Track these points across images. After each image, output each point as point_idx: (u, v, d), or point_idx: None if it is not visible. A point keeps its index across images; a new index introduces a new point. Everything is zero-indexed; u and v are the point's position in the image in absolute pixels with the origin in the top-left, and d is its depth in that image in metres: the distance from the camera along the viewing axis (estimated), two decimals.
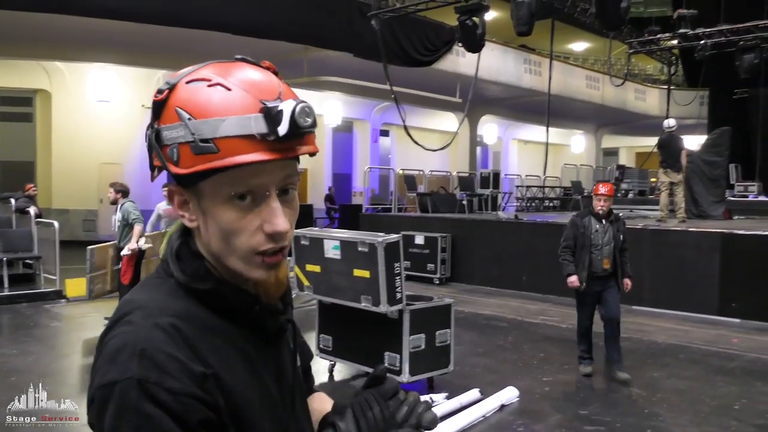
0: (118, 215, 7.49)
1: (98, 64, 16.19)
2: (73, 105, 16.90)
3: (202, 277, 0.86)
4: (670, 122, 10.49)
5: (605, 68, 23.96)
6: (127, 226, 7.42)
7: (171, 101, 0.82)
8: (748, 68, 15.41)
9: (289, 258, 0.87)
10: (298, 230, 5.21)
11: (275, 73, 0.87)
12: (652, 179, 22.84)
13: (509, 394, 5.06)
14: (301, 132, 0.80)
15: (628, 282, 5.72)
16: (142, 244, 7.41)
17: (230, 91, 0.80)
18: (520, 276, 10.44)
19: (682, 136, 10.99)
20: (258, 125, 0.79)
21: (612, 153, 32.18)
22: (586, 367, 5.82)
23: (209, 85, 0.81)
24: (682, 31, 15.61)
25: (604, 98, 23.39)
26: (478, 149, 24.89)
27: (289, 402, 0.93)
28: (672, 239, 9.24)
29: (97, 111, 17.05)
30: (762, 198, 16.31)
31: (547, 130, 15.80)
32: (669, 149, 10.25)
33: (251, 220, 0.83)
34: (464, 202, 15.10)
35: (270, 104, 0.79)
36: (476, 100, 20.41)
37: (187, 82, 0.83)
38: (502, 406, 4.91)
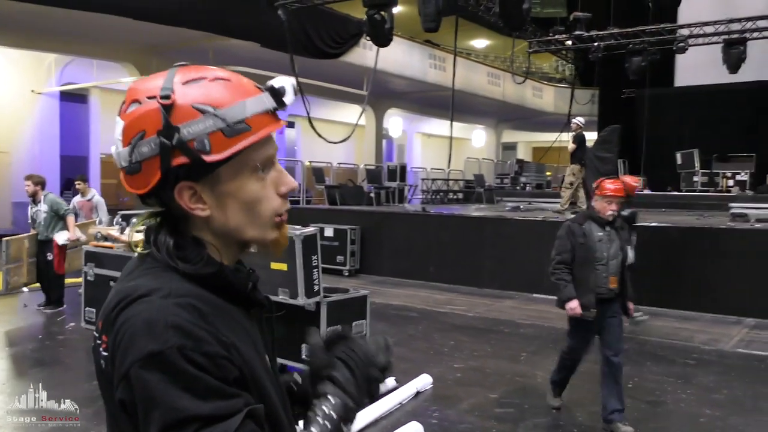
0: (44, 207, 7.63)
1: None
2: None
3: (207, 263, 0.93)
4: (581, 120, 11.13)
5: (506, 65, 24.84)
6: (55, 217, 7.63)
7: (179, 102, 0.89)
8: (636, 70, 16.46)
9: None
10: None
11: None
12: (548, 173, 23.93)
13: (423, 382, 5.22)
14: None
15: (631, 306, 4.65)
16: (79, 234, 7.62)
17: (230, 81, 0.92)
18: (428, 267, 10.70)
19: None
20: (269, 101, 0.93)
21: (511, 147, 33.40)
22: (557, 400, 4.87)
23: (210, 80, 0.91)
24: (577, 32, 16.42)
25: (504, 95, 24.22)
26: (384, 142, 25.16)
27: (276, 372, 1.04)
28: None
29: None
30: (647, 191, 17.47)
31: (451, 125, 16.21)
32: (583, 146, 10.94)
33: (269, 187, 0.97)
34: (372, 195, 15.28)
35: (268, 84, 0.94)
36: (382, 93, 20.64)
37: (185, 83, 0.90)
38: (417, 393, 5.07)
